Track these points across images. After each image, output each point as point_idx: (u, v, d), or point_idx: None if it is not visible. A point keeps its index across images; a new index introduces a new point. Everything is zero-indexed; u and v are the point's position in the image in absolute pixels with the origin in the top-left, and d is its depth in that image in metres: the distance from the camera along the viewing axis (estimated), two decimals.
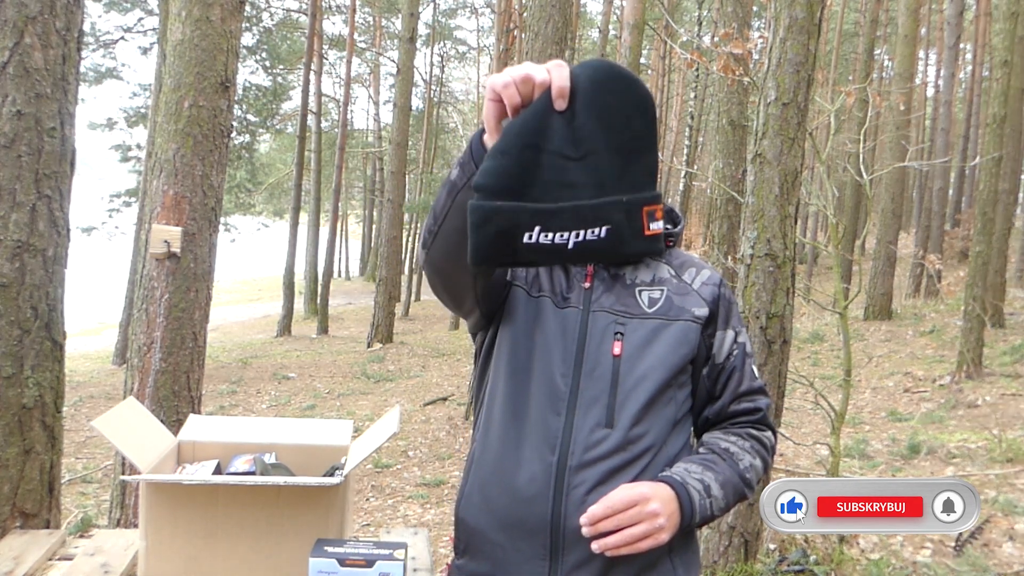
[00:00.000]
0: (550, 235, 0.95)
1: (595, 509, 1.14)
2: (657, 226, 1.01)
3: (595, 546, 1.14)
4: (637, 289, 1.30)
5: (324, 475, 1.77)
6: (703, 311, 1.29)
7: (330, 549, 1.40)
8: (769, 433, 1.36)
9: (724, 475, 1.25)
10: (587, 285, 1.30)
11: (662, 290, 1.30)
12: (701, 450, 1.31)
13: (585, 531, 1.15)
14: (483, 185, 0.96)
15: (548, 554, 1.20)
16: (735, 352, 1.32)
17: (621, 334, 1.25)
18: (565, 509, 1.19)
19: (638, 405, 1.22)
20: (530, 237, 0.94)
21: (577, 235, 0.95)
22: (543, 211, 0.93)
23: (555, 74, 0.96)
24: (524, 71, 0.98)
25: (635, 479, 1.20)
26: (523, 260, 0.99)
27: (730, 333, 1.32)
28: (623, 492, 1.15)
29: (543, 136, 0.94)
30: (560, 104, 0.96)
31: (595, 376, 1.23)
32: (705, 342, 1.30)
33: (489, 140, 1.03)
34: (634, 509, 1.13)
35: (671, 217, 1.39)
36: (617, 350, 1.24)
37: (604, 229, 0.95)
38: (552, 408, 1.23)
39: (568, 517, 1.19)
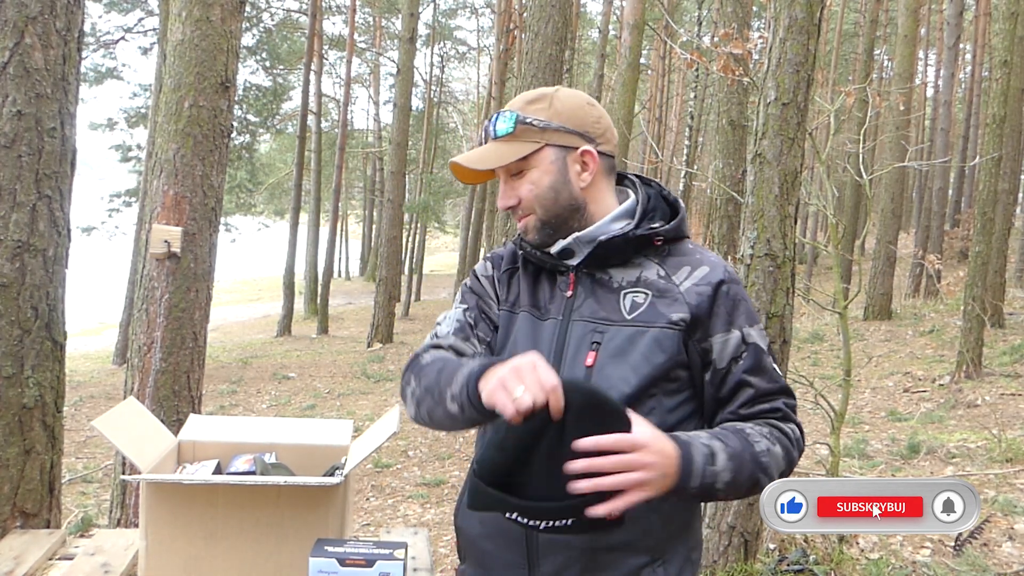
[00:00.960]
0: (526, 520, 1.07)
1: (585, 441, 1.02)
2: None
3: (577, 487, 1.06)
4: (623, 292, 1.26)
5: (324, 475, 1.77)
6: (681, 315, 1.21)
7: (330, 549, 1.40)
8: (792, 426, 1.25)
9: (734, 448, 1.15)
10: (569, 294, 1.28)
11: (647, 293, 1.24)
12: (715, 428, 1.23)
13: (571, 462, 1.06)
14: (481, 474, 1.08)
15: (527, 563, 1.24)
16: (744, 353, 1.23)
17: (598, 343, 1.23)
18: None
19: None
20: (511, 514, 1.07)
21: (549, 523, 1.06)
22: (525, 507, 1.05)
23: (552, 399, 1.01)
24: (525, 404, 1.01)
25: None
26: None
27: (735, 334, 1.23)
28: (617, 436, 1.03)
29: (536, 440, 1.04)
30: (556, 416, 1.03)
31: None
32: (696, 347, 1.23)
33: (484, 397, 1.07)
34: (629, 457, 1.03)
35: (674, 210, 1.33)
36: (590, 361, 1.22)
37: (571, 521, 1.06)
38: None
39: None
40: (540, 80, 6.33)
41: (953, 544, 3.88)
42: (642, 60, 17.58)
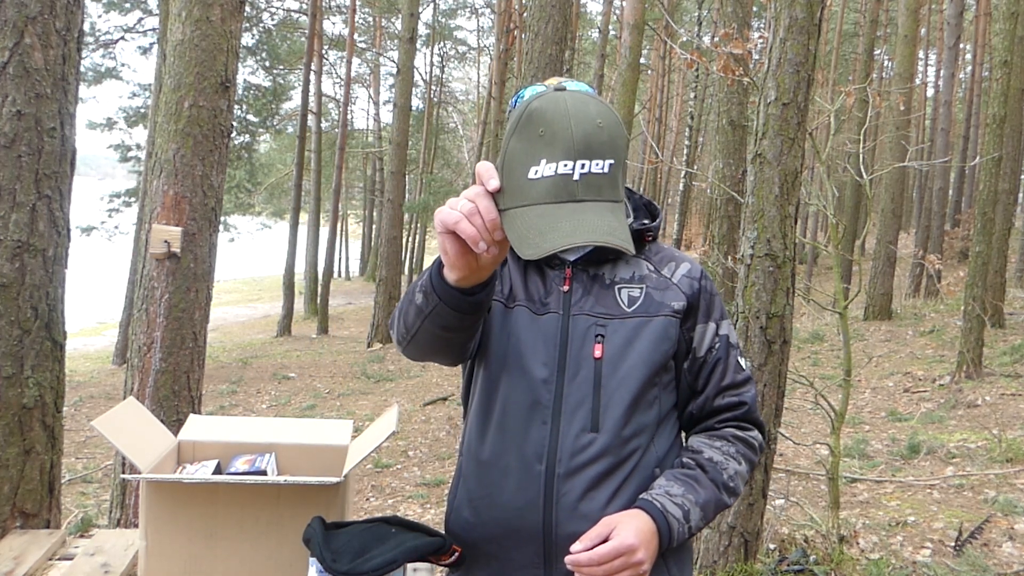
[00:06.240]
0: None
1: (580, 557, 1.10)
2: None
3: None
4: (617, 287, 1.29)
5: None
6: (681, 304, 1.28)
7: None
8: (755, 432, 1.34)
9: (705, 494, 1.24)
10: (566, 288, 1.29)
11: (642, 287, 1.29)
12: (685, 459, 1.28)
13: (569, 565, 1.12)
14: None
15: (543, 562, 1.22)
16: (717, 344, 1.31)
17: (602, 336, 1.24)
18: (556, 517, 1.20)
19: (623, 406, 1.22)
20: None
21: None
22: None
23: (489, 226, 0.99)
24: (451, 220, 0.98)
25: (624, 482, 1.21)
26: None
27: (711, 326, 1.31)
28: (611, 545, 1.11)
29: None
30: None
31: (578, 381, 1.23)
32: (684, 336, 1.29)
33: (448, 273, 1.05)
34: (620, 560, 1.11)
35: (649, 210, 1.37)
36: (598, 352, 1.24)
37: None
38: (538, 416, 1.23)
39: (560, 525, 1.19)
40: (540, 80, 6.31)
41: (953, 544, 3.88)
42: (642, 60, 17.58)
